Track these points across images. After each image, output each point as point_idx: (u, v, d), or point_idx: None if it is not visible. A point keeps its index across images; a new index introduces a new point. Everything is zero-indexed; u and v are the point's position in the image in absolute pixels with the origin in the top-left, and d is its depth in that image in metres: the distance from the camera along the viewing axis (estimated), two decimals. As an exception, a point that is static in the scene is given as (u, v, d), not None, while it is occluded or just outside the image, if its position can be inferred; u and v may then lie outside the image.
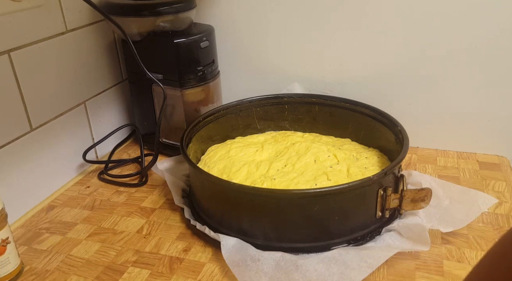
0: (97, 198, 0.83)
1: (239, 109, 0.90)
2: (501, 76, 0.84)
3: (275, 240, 0.66)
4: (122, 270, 0.65)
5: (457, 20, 0.83)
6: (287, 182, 0.72)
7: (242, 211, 0.67)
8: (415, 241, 0.64)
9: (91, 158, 0.93)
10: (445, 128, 0.92)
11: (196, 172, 0.70)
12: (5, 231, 0.61)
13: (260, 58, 1.00)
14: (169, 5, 0.85)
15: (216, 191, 0.70)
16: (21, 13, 0.74)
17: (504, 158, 0.89)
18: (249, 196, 0.65)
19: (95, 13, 0.87)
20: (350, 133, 0.89)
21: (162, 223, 0.75)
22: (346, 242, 0.66)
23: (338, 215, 0.65)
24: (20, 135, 0.77)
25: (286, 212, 0.64)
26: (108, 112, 0.99)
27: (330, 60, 0.95)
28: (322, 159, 0.78)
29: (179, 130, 0.90)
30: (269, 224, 0.66)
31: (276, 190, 0.68)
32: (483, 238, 0.69)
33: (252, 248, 0.65)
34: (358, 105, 0.86)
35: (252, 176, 0.75)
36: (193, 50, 0.87)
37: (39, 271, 0.66)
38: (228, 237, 0.66)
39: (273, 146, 0.84)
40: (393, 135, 0.78)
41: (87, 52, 0.90)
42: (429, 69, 0.88)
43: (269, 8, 0.94)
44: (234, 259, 0.62)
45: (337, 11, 0.90)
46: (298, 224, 0.65)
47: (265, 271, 0.61)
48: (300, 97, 0.92)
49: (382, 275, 0.62)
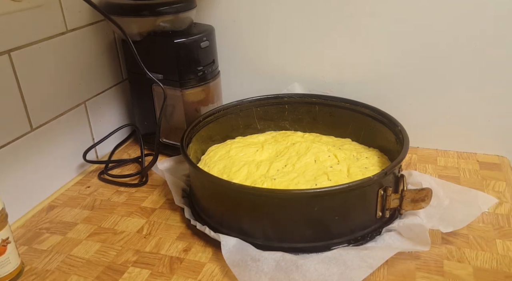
0: (97, 198, 0.83)
1: (239, 109, 0.90)
2: (501, 76, 0.84)
3: (276, 240, 0.66)
4: (122, 270, 0.65)
5: (457, 20, 0.83)
6: (287, 182, 0.72)
7: (242, 211, 0.67)
8: (416, 241, 0.64)
9: (91, 158, 0.93)
10: (445, 128, 0.92)
11: (196, 172, 0.70)
12: (5, 231, 0.61)
13: (260, 58, 1.00)
14: (169, 5, 0.85)
15: (216, 191, 0.70)
16: (21, 13, 0.74)
17: (504, 158, 0.89)
18: (249, 196, 0.65)
19: (95, 13, 0.87)
20: (350, 133, 0.89)
21: (162, 223, 0.75)
22: (347, 242, 0.66)
23: (338, 215, 0.65)
24: (20, 135, 0.77)
25: (286, 212, 0.64)
26: (108, 112, 0.99)
27: (330, 60, 0.95)
28: (322, 159, 0.78)
29: (179, 130, 0.90)
30: (269, 224, 0.66)
31: (276, 190, 0.68)
32: (483, 238, 0.69)
33: (252, 248, 0.65)
34: (358, 105, 0.86)
35: (252, 176, 0.75)
36: (193, 50, 0.87)
37: (39, 271, 0.66)
38: (228, 237, 0.66)
39: (273, 146, 0.85)
40: (393, 135, 0.78)
41: (87, 52, 0.90)
42: (429, 69, 0.88)
43: (269, 8, 0.94)
44: (234, 259, 0.62)
45: (337, 11, 0.90)
46: (299, 224, 0.65)
47: (265, 271, 0.61)
48: (300, 97, 0.92)
49: (382, 275, 0.62)
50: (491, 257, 0.65)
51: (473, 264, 0.63)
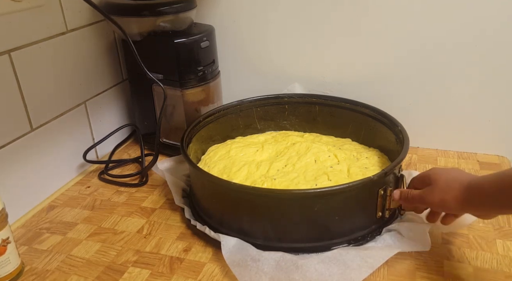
0: (97, 198, 0.83)
1: (239, 109, 0.90)
2: (501, 76, 0.84)
3: (276, 240, 0.66)
4: (123, 270, 0.65)
5: (458, 21, 0.83)
6: (288, 182, 0.72)
7: (242, 211, 0.67)
8: (416, 241, 0.64)
9: (92, 158, 0.93)
10: (445, 128, 0.92)
11: (196, 172, 0.70)
12: (5, 231, 0.61)
13: (260, 58, 1.00)
14: (169, 5, 0.85)
15: (216, 191, 0.70)
16: (21, 13, 0.74)
17: (504, 158, 0.89)
18: (249, 196, 0.65)
19: (95, 13, 0.87)
20: (350, 133, 0.89)
21: (162, 223, 0.75)
22: (347, 242, 0.66)
23: (339, 215, 0.64)
24: (21, 135, 0.77)
25: (286, 212, 0.64)
26: (109, 112, 0.99)
27: (330, 60, 0.95)
28: (323, 159, 0.78)
29: (179, 130, 0.90)
30: (269, 224, 0.66)
31: (277, 190, 0.68)
32: (483, 238, 0.68)
33: (252, 248, 0.65)
34: (359, 105, 0.86)
35: (253, 176, 0.75)
36: (193, 50, 0.87)
37: (39, 271, 0.66)
38: (229, 237, 0.66)
39: (273, 146, 0.84)
40: (394, 135, 0.78)
41: (87, 52, 0.90)
42: (429, 69, 0.88)
43: (269, 8, 0.94)
44: (234, 259, 0.62)
45: (337, 11, 0.90)
46: (299, 224, 0.65)
47: (266, 271, 0.61)
48: (300, 97, 0.92)
49: (383, 275, 0.62)
50: (491, 257, 0.65)
51: (473, 264, 0.63)
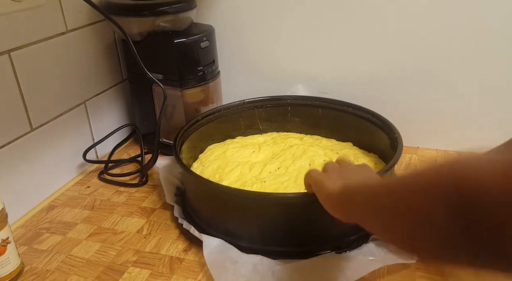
0: (97, 198, 0.83)
1: (241, 109, 0.90)
2: (501, 76, 0.84)
3: (259, 243, 0.65)
4: (122, 270, 0.65)
5: (457, 21, 0.83)
6: (277, 185, 0.71)
7: (226, 212, 0.67)
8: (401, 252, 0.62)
9: (91, 158, 0.93)
10: (445, 128, 0.92)
11: (183, 171, 0.70)
12: (5, 231, 0.61)
13: (260, 58, 1.00)
14: (169, 5, 0.85)
15: (200, 190, 0.70)
16: (21, 13, 0.74)
17: (504, 158, 0.89)
18: (231, 198, 0.65)
19: (95, 13, 0.87)
20: (352, 138, 0.87)
21: (162, 223, 0.75)
22: (330, 248, 0.64)
23: (322, 221, 0.61)
24: (21, 135, 0.77)
25: (267, 215, 0.64)
26: (108, 112, 0.99)
27: (330, 60, 0.95)
28: (317, 163, 0.77)
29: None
30: (252, 226, 0.65)
31: (256, 193, 0.68)
32: (483, 238, 0.68)
33: (234, 250, 0.64)
34: (360, 110, 0.84)
35: (244, 177, 0.75)
36: (193, 50, 0.87)
37: (39, 271, 0.66)
38: (212, 237, 0.66)
39: (270, 147, 0.84)
40: (390, 142, 0.76)
41: (87, 52, 0.90)
42: (429, 69, 0.88)
43: (269, 8, 0.94)
44: (213, 260, 0.62)
45: (337, 12, 0.90)
46: (280, 228, 0.64)
47: (242, 274, 0.60)
48: (303, 100, 0.91)
49: (382, 275, 0.62)
50: (491, 257, 0.64)
51: (473, 264, 0.63)
